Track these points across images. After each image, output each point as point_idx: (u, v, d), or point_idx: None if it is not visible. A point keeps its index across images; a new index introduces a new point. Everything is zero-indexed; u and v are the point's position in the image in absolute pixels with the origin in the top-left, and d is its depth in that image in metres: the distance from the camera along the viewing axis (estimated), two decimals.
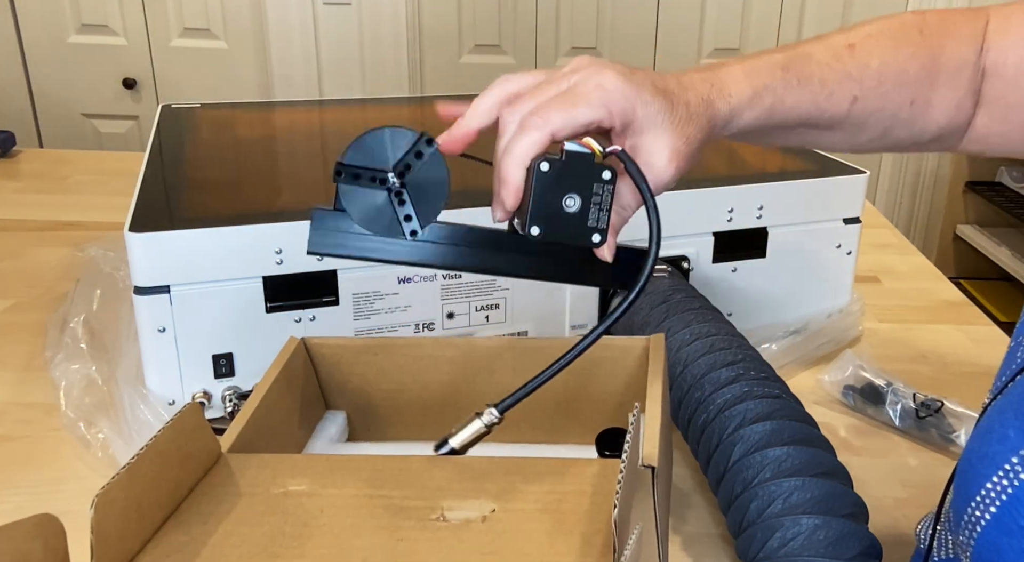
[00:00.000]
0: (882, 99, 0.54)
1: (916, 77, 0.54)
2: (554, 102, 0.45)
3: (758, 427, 0.56)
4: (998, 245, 2.57)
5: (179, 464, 0.46)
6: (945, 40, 0.55)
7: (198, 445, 0.48)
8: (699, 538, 0.60)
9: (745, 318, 0.83)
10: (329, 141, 1.03)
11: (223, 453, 0.49)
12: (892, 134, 0.56)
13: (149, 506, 0.44)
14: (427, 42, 2.49)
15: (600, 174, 0.45)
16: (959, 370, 0.84)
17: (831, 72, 0.53)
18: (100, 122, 2.58)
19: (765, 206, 0.82)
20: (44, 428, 0.72)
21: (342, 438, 0.62)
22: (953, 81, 0.55)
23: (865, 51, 0.54)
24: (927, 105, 0.55)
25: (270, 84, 2.48)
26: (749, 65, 0.52)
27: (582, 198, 0.45)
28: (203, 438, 0.48)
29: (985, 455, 0.37)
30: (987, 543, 0.36)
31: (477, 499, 0.44)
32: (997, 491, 0.36)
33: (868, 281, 1.03)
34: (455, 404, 0.60)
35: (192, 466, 0.47)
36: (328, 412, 0.62)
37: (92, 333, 0.80)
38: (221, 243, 0.67)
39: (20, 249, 1.08)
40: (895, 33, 0.55)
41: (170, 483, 0.45)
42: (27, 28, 2.48)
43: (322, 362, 0.61)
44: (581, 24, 2.47)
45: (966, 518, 0.37)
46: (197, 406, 0.48)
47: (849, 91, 0.53)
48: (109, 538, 0.40)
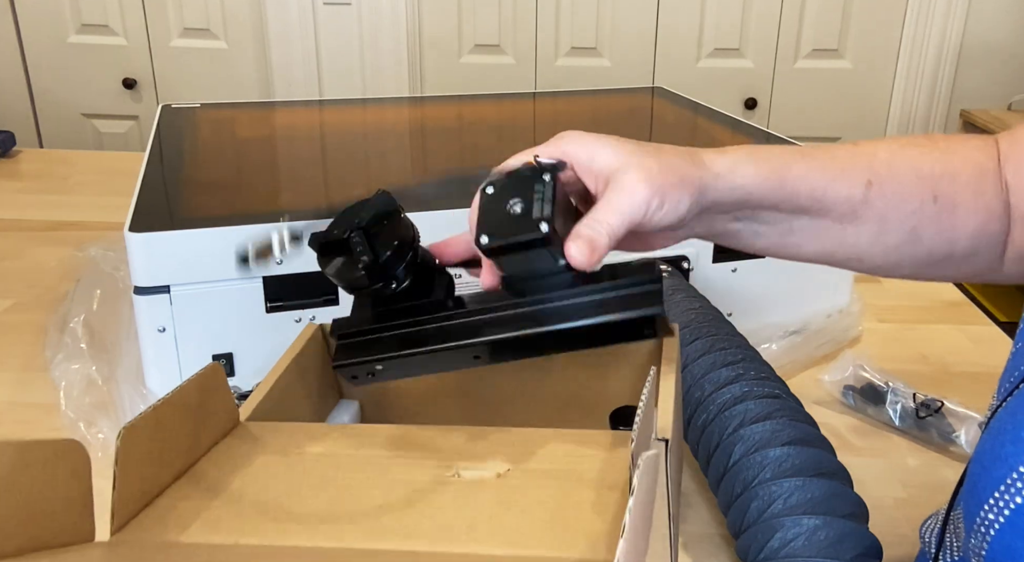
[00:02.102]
0: (900, 189, 0.50)
1: (932, 173, 0.50)
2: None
3: (758, 427, 0.56)
4: None
5: (199, 418, 0.47)
6: (957, 146, 0.51)
7: (219, 405, 0.49)
8: (699, 538, 0.60)
9: (745, 318, 0.83)
10: (329, 141, 1.03)
11: (241, 421, 0.50)
12: (923, 237, 0.51)
13: (170, 452, 0.44)
14: (427, 42, 2.49)
15: (540, 177, 0.46)
16: (959, 370, 0.84)
17: (838, 151, 0.50)
18: (100, 122, 2.58)
19: None
20: (44, 428, 0.72)
21: None
22: (975, 185, 0.50)
23: (871, 146, 0.51)
24: (953, 203, 0.50)
25: (270, 84, 2.48)
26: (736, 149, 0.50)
27: (524, 200, 0.46)
28: (224, 399, 0.49)
29: (998, 457, 0.36)
30: (1001, 546, 0.36)
31: (492, 460, 0.45)
32: (1011, 493, 0.35)
33: (868, 281, 1.03)
34: (469, 398, 0.61)
35: (212, 423, 0.48)
36: (342, 401, 0.62)
37: (92, 333, 0.80)
38: (221, 243, 0.67)
39: (20, 249, 1.08)
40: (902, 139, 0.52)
41: (190, 435, 0.46)
42: (27, 28, 2.48)
43: None
44: (581, 24, 2.47)
45: (978, 521, 0.37)
46: (219, 366, 0.49)
47: (862, 173, 0.50)
48: (131, 473, 0.41)
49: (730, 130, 1.04)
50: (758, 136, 1.02)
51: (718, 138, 1.01)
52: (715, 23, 2.46)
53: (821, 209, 0.50)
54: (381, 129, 1.09)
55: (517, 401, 0.59)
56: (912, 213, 0.50)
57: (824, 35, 2.46)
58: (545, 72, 2.51)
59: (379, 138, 1.05)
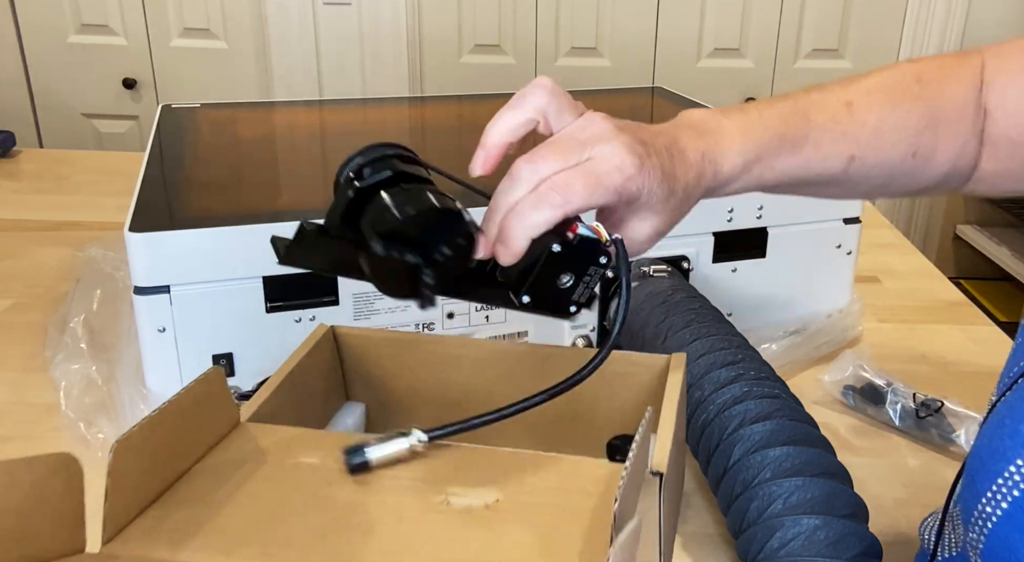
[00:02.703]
0: (880, 154, 0.53)
1: (916, 129, 0.53)
2: (576, 180, 0.44)
3: (758, 427, 0.56)
4: (998, 245, 2.57)
5: (199, 423, 0.47)
6: (944, 87, 0.54)
7: (218, 409, 0.49)
8: (699, 538, 0.60)
9: (745, 318, 0.83)
10: (329, 141, 1.03)
11: (241, 422, 0.50)
12: (894, 184, 0.55)
13: (166, 459, 0.45)
14: (427, 42, 2.49)
15: (599, 259, 0.46)
16: (959, 370, 0.84)
17: (826, 134, 0.52)
18: (100, 122, 2.58)
19: (765, 206, 0.82)
20: (44, 428, 0.72)
21: (359, 430, 0.62)
22: (955, 126, 0.54)
23: (863, 109, 0.53)
24: (931, 154, 0.54)
25: (270, 84, 2.48)
26: (747, 131, 0.51)
27: (576, 277, 0.46)
28: (224, 402, 0.49)
29: (996, 451, 0.36)
30: (998, 539, 0.36)
31: (483, 487, 0.44)
32: (1009, 487, 0.35)
33: (868, 281, 1.03)
34: (472, 405, 0.60)
35: (211, 428, 0.48)
36: (348, 403, 0.62)
37: (92, 333, 0.80)
38: (221, 243, 0.67)
39: (20, 249, 1.08)
40: (893, 87, 0.54)
41: (188, 441, 0.46)
42: (27, 28, 2.48)
43: (348, 352, 0.61)
44: (581, 24, 2.47)
45: (976, 515, 0.37)
46: (220, 370, 0.49)
47: (846, 151, 0.53)
48: (124, 485, 0.41)
49: None
50: None
51: None
52: (715, 23, 2.46)
53: (802, 185, 0.54)
54: (381, 129, 1.09)
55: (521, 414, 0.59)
56: (889, 171, 0.54)
57: (824, 35, 2.46)
58: (545, 72, 2.51)
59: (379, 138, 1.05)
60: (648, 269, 0.76)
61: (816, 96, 0.53)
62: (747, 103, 0.54)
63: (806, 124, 0.52)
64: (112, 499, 0.41)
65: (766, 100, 0.54)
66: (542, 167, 0.44)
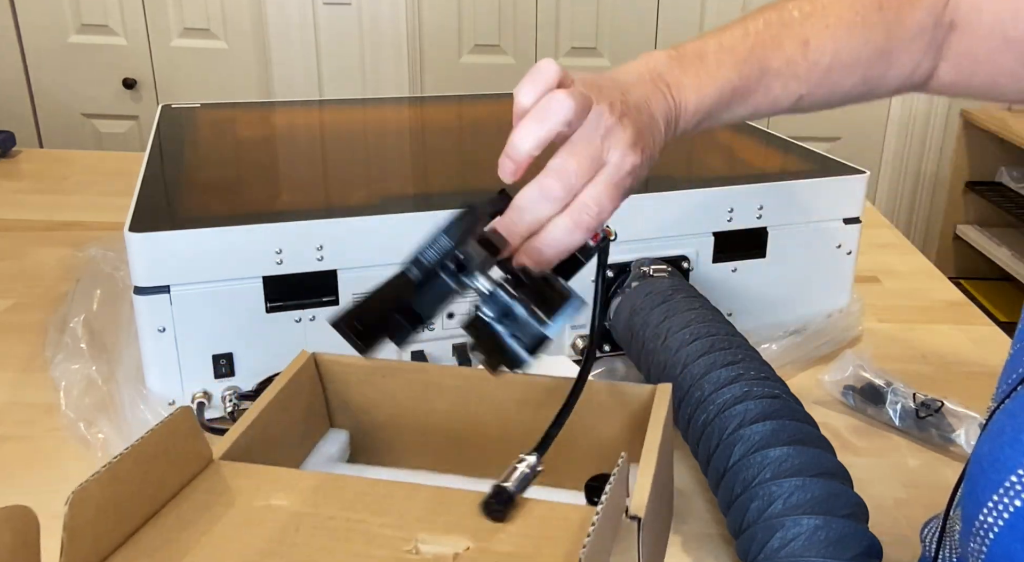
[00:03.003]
0: (829, 88, 0.55)
1: (869, 59, 0.55)
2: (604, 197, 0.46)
3: (758, 427, 0.56)
4: (998, 245, 2.57)
5: (165, 466, 0.46)
6: (903, 12, 0.55)
7: (188, 449, 0.48)
8: (699, 538, 0.60)
9: (745, 318, 0.83)
10: (329, 141, 1.03)
11: (214, 460, 0.49)
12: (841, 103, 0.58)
13: (128, 506, 0.44)
14: (427, 42, 2.49)
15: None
16: (959, 370, 0.84)
17: (778, 79, 0.54)
18: (100, 122, 2.58)
19: (765, 206, 0.82)
20: (44, 428, 0.72)
21: (342, 458, 0.61)
22: (910, 48, 0.56)
23: (819, 48, 0.54)
24: (882, 78, 0.56)
25: (270, 84, 2.48)
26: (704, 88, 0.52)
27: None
28: (194, 442, 0.48)
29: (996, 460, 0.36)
30: (1000, 549, 0.35)
31: (453, 535, 0.43)
32: (1011, 496, 0.35)
33: (868, 281, 1.03)
34: (456, 433, 0.60)
35: (179, 469, 0.47)
36: (331, 430, 0.62)
37: (92, 333, 0.80)
38: (221, 243, 0.67)
39: (20, 249, 1.08)
40: (853, 17, 0.54)
41: (153, 484, 0.45)
42: (27, 28, 2.48)
43: (331, 379, 0.61)
44: (581, 24, 2.47)
45: (977, 524, 0.37)
46: (189, 410, 0.48)
47: (796, 92, 0.55)
48: (82, 535, 0.40)
49: (730, 130, 1.04)
50: (758, 136, 1.02)
51: (718, 138, 1.01)
52: (715, 23, 2.46)
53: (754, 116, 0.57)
54: (381, 129, 1.09)
55: (505, 441, 0.58)
56: (839, 97, 0.57)
57: None
58: None
59: (379, 138, 1.05)
60: (648, 269, 0.76)
61: (775, 31, 0.54)
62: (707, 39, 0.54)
63: (760, 73, 0.53)
64: (68, 553, 0.40)
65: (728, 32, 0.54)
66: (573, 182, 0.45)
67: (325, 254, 0.70)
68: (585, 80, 0.48)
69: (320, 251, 0.70)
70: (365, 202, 0.77)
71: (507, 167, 0.46)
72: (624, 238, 0.78)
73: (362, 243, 0.71)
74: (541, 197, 0.45)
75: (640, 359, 0.70)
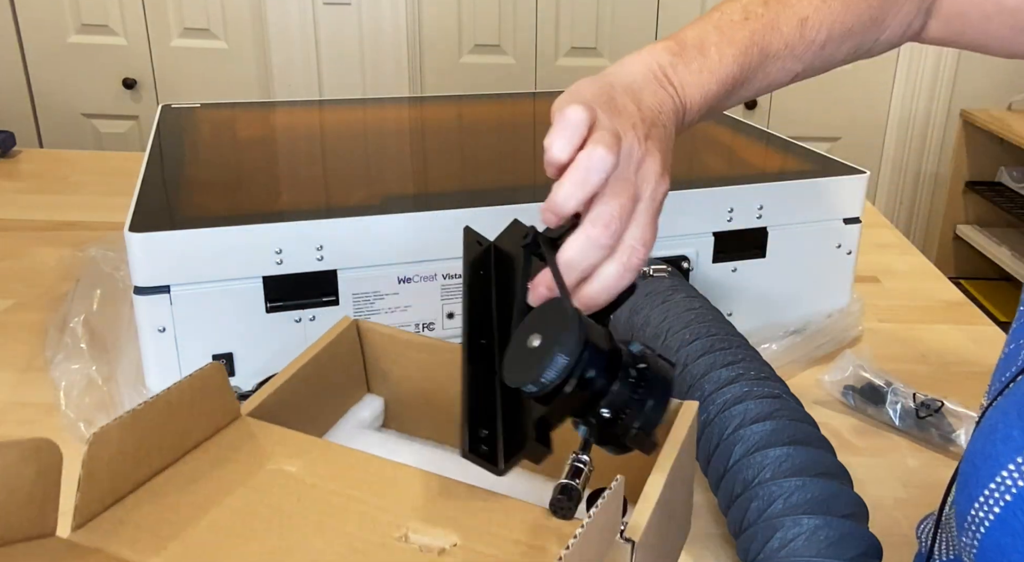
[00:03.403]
0: (824, 61, 0.56)
1: (863, 29, 0.56)
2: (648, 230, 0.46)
3: (758, 427, 0.56)
4: (998, 245, 2.57)
5: (189, 417, 0.47)
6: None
7: (215, 403, 0.49)
8: (699, 538, 0.60)
9: (745, 318, 0.83)
10: (329, 141, 1.03)
11: (241, 415, 0.51)
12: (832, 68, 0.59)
13: (148, 451, 0.45)
14: (427, 42, 2.49)
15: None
16: (959, 370, 0.84)
17: (777, 62, 0.54)
18: (100, 122, 2.58)
19: (765, 206, 0.82)
20: (44, 428, 0.72)
21: (375, 424, 0.62)
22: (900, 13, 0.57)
23: (815, 26, 0.55)
24: (874, 43, 0.58)
25: (270, 84, 2.48)
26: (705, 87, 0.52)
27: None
28: (221, 397, 0.49)
29: (988, 456, 0.36)
30: (991, 544, 0.36)
31: (444, 529, 0.43)
32: (1001, 491, 0.35)
33: (868, 281, 1.03)
34: None
35: (204, 422, 0.49)
36: (368, 395, 0.63)
37: (92, 333, 0.80)
38: (221, 243, 0.67)
39: (20, 249, 1.08)
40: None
41: (176, 434, 0.47)
42: (27, 28, 2.48)
43: (370, 347, 0.62)
44: (581, 24, 2.47)
45: (969, 519, 0.37)
46: (220, 366, 0.49)
47: (792, 71, 0.55)
48: (99, 475, 0.42)
49: (730, 130, 1.04)
50: (758, 136, 1.02)
51: (718, 138, 1.01)
52: None
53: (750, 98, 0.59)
54: (381, 129, 1.09)
55: None
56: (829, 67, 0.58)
57: None
58: (545, 72, 2.51)
59: (379, 138, 1.05)
60: (648, 269, 0.76)
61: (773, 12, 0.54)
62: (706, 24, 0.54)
63: (761, 59, 0.54)
64: (84, 489, 0.41)
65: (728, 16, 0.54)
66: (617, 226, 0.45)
67: (325, 254, 0.70)
68: (599, 98, 0.47)
69: (320, 251, 0.70)
70: (365, 202, 0.77)
71: (550, 219, 0.46)
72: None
73: (362, 243, 0.71)
74: (590, 247, 0.45)
75: None
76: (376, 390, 0.63)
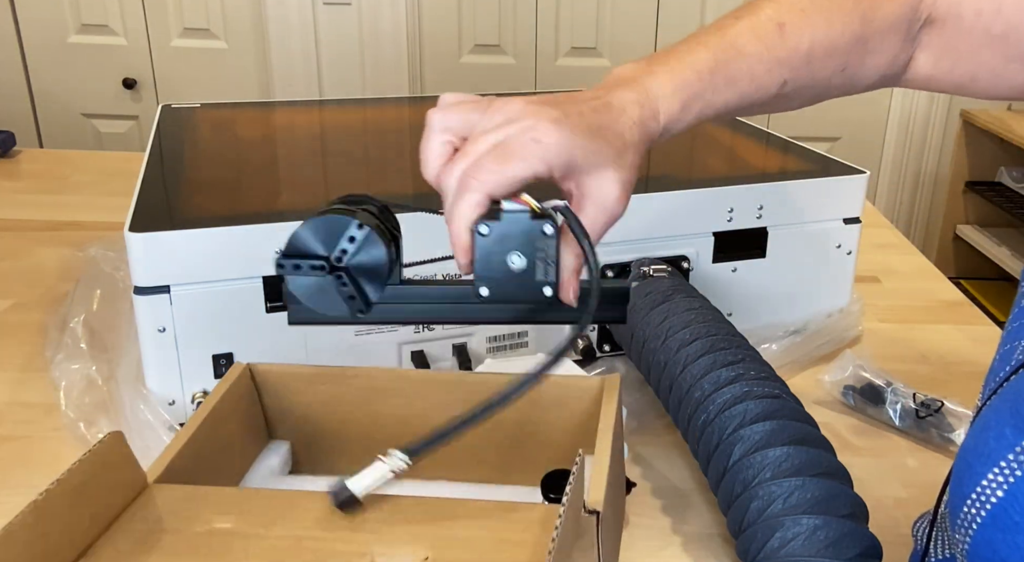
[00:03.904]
0: (812, 75, 0.55)
1: (847, 46, 0.55)
2: (488, 161, 0.45)
3: (758, 427, 0.56)
4: (998, 245, 2.57)
5: (97, 497, 0.44)
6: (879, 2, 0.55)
7: (120, 476, 0.45)
8: (699, 538, 0.60)
9: (745, 318, 0.83)
10: (329, 141, 1.03)
11: (149, 484, 0.47)
12: (824, 97, 0.57)
13: (59, 543, 0.41)
14: (427, 42, 2.49)
15: (541, 229, 0.45)
16: (959, 370, 0.84)
17: (760, 63, 0.53)
18: (100, 122, 2.58)
19: (765, 206, 0.82)
20: (44, 428, 0.72)
21: (284, 470, 0.59)
22: (886, 39, 0.55)
23: (796, 32, 0.53)
24: (859, 68, 0.56)
25: (270, 84, 2.48)
26: (678, 73, 0.51)
27: (526, 255, 0.46)
28: (126, 469, 0.46)
29: (981, 453, 0.37)
30: (983, 540, 0.36)
31: (411, 545, 0.42)
32: (992, 488, 0.36)
33: (868, 281, 1.03)
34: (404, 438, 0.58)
35: (112, 499, 0.45)
36: (272, 442, 0.60)
37: (92, 333, 0.80)
38: (221, 243, 0.67)
39: (20, 249, 1.08)
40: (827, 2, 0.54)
41: (85, 518, 0.43)
42: (27, 28, 2.48)
43: (268, 389, 0.58)
44: (581, 24, 2.47)
45: (962, 516, 0.37)
46: (120, 435, 0.46)
47: (779, 76, 0.54)
48: None
49: (730, 130, 1.04)
50: (758, 137, 1.02)
51: (718, 138, 1.01)
52: None
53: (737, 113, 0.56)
54: (381, 129, 1.09)
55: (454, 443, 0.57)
56: (819, 87, 0.56)
57: None
58: (545, 72, 2.51)
59: (379, 138, 1.05)
60: (648, 269, 0.76)
61: (747, 22, 0.54)
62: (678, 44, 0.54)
63: (738, 56, 0.53)
64: None
65: (695, 36, 0.54)
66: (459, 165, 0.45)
67: None
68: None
69: None
70: None
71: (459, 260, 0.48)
72: (624, 238, 0.78)
73: None
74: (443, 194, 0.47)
75: (640, 359, 0.70)
76: (279, 435, 0.60)
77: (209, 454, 0.52)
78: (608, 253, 0.77)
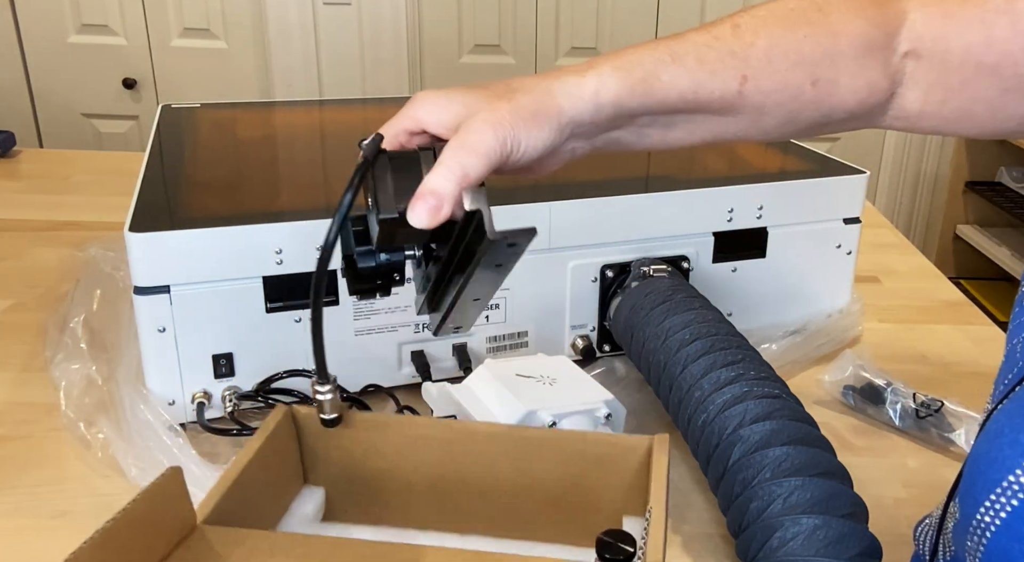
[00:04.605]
0: (776, 79, 0.52)
1: (812, 57, 0.52)
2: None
3: (758, 427, 0.56)
4: (998, 245, 2.57)
5: (152, 532, 0.44)
6: (845, 18, 0.53)
7: (174, 513, 0.46)
8: (699, 538, 0.60)
9: (745, 318, 0.83)
10: (329, 141, 1.03)
11: (198, 524, 0.47)
12: (800, 118, 0.54)
13: None
14: (427, 42, 2.49)
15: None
16: (959, 370, 0.84)
17: (710, 50, 0.51)
18: (100, 122, 2.58)
19: (765, 206, 0.82)
20: (44, 428, 0.72)
21: (317, 517, 0.58)
22: (861, 62, 0.53)
23: (750, 31, 0.52)
24: (833, 85, 0.53)
25: (270, 84, 2.48)
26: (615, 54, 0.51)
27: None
28: (180, 506, 0.46)
29: (995, 460, 0.36)
30: (997, 549, 0.35)
31: None
32: (1008, 496, 0.35)
33: (868, 281, 1.03)
34: (442, 488, 0.57)
35: (166, 535, 0.45)
36: (306, 487, 0.59)
37: (92, 333, 0.80)
38: (221, 243, 0.67)
39: (20, 249, 1.08)
40: (788, 13, 0.53)
41: (141, 551, 0.43)
42: (27, 28, 2.48)
43: (307, 433, 0.58)
44: (581, 24, 2.47)
45: (975, 523, 0.37)
46: (178, 471, 0.46)
47: (735, 69, 0.51)
48: None
49: None
50: None
51: None
52: None
53: (696, 108, 0.52)
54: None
55: (490, 495, 0.55)
56: (790, 99, 0.53)
57: None
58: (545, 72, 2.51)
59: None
60: (648, 269, 0.76)
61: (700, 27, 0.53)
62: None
63: (684, 42, 0.51)
64: None
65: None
66: None
67: None
68: None
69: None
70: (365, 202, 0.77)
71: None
72: (624, 238, 0.78)
73: None
74: None
75: (640, 359, 0.70)
76: (314, 481, 0.59)
77: (252, 496, 0.52)
78: (608, 253, 0.77)
